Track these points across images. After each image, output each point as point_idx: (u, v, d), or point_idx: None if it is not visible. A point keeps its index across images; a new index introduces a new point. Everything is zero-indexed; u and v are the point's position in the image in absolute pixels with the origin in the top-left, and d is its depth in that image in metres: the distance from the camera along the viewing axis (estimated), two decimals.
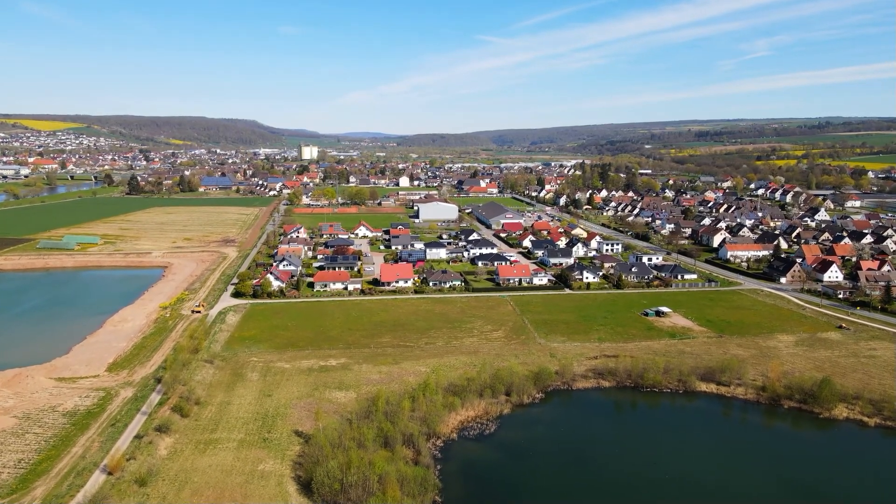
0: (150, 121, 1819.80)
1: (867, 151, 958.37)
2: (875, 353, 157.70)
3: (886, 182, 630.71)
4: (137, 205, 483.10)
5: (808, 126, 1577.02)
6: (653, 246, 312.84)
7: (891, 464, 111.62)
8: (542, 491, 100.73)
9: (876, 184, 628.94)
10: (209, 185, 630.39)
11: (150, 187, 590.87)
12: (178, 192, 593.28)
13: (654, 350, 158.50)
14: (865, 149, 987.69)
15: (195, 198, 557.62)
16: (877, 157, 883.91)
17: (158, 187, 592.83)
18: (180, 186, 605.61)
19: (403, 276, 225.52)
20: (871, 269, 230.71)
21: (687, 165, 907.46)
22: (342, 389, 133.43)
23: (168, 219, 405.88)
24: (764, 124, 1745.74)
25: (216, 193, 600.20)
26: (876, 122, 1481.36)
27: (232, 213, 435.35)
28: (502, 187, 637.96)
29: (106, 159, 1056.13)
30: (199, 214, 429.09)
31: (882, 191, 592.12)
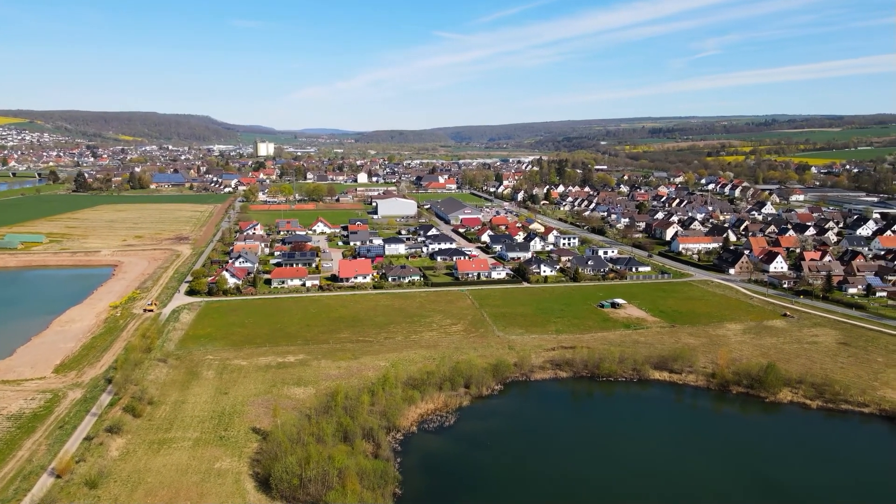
0: (98, 116, 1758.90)
1: (810, 148, 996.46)
2: (817, 339, 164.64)
3: (828, 177, 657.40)
4: (85, 202, 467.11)
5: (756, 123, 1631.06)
6: (608, 240, 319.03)
7: (832, 443, 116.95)
8: (501, 481, 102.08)
9: (818, 178, 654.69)
10: (161, 182, 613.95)
11: (98, 184, 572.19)
12: (129, 189, 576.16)
13: (609, 341, 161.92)
14: (809, 145, 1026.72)
15: (146, 195, 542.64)
16: (819, 153, 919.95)
17: (107, 184, 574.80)
18: (131, 183, 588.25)
19: (362, 272, 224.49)
20: (813, 259, 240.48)
21: (641, 161, 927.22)
22: (301, 385, 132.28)
23: (118, 216, 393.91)
24: (714, 122, 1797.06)
25: (169, 190, 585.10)
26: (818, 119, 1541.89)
27: (185, 211, 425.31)
28: (461, 183, 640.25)
29: (50, 155, 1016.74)
30: (151, 212, 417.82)
31: (824, 185, 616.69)
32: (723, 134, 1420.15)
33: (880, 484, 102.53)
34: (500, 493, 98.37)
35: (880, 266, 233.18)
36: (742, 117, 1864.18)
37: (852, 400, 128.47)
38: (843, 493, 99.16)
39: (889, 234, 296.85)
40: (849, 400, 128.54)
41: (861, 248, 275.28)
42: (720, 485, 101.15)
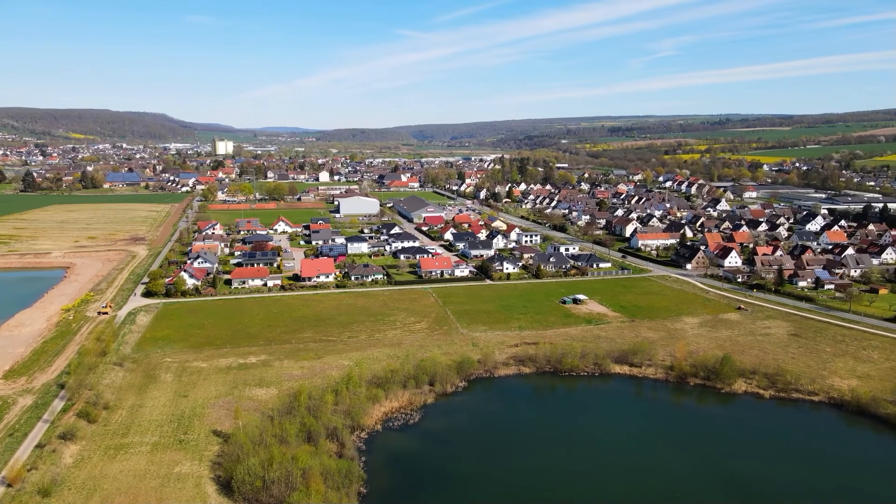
0: (47, 113, 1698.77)
1: (762, 146, 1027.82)
2: (769, 331, 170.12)
3: (779, 174, 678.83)
4: (34, 203, 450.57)
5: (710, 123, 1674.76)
6: (570, 237, 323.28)
7: (785, 431, 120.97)
8: (466, 477, 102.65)
9: (770, 176, 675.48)
10: (115, 182, 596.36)
11: (48, 184, 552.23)
12: (81, 188, 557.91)
13: (571, 336, 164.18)
14: (761, 143, 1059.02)
15: (100, 195, 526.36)
16: (770, 151, 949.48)
17: (58, 184, 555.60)
18: (83, 183, 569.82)
19: (325, 271, 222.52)
20: (765, 254, 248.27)
21: (601, 159, 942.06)
22: (263, 386, 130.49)
23: (70, 217, 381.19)
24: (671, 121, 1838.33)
25: (123, 190, 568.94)
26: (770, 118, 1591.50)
27: (141, 210, 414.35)
28: (423, 181, 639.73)
29: None
30: (105, 212, 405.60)
31: (775, 182, 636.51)
32: (679, 133, 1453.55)
33: (830, 469, 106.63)
34: (465, 490, 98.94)
35: (828, 260, 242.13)
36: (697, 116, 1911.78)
37: (803, 389, 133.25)
38: (796, 479, 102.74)
39: (836, 229, 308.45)
40: (799, 389, 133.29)
41: (810, 242, 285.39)
42: (680, 475, 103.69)
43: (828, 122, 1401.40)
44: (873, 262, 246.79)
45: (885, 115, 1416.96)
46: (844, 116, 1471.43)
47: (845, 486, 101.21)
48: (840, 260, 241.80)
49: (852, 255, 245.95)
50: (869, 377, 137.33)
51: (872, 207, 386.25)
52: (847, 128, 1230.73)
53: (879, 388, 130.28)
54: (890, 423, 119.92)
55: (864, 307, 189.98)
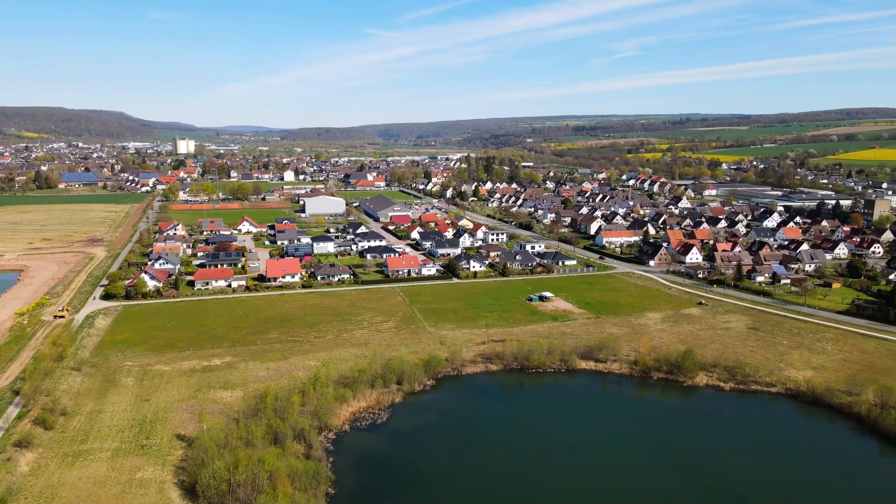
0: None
1: (721, 145, 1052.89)
2: (729, 325, 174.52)
3: (737, 173, 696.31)
4: None
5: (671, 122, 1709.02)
6: (535, 235, 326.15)
7: (744, 422, 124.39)
8: (434, 475, 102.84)
9: (729, 174, 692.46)
10: (71, 182, 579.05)
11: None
12: (35, 189, 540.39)
13: (538, 333, 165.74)
14: (720, 143, 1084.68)
15: (55, 195, 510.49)
16: (729, 150, 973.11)
17: (10, 184, 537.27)
18: (37, 183, 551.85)
19: (290, 271, 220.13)
20: (725, 250, 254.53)
21: (566, 158, 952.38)
22: (228, 389, 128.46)
23: (23, 218, 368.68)
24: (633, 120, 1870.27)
25: (80, 190, 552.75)
26: (728, 118, 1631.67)
27: (99, 211, 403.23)
28: (389, 181, 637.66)
29: None
30: (61, 213, 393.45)
31: (734, 180, 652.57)
32: (642, 132, 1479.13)
33: (788, 457, 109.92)
34: (433, 488, 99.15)
35: (784, 255, 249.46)
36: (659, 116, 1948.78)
37: (761, 381, 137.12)
38: (756, 468, 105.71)
39: (791, 226, 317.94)
40: (758, 381, 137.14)
41: (767, 238, 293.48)
42: (645, 467, 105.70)
43: (783, 121, 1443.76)
44: (826, 257, 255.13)
45: (836, 115, 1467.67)
46: (799, 116, 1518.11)
47: (802, 473, 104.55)
48: (795, 255, 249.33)
49: (807, 251, 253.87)
50: (823, 368, 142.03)
51: (825, 204, 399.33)
52: (801, 127, 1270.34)
53: (833, 378, 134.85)
54: (843, 412, 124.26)
55: (819, 301, 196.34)
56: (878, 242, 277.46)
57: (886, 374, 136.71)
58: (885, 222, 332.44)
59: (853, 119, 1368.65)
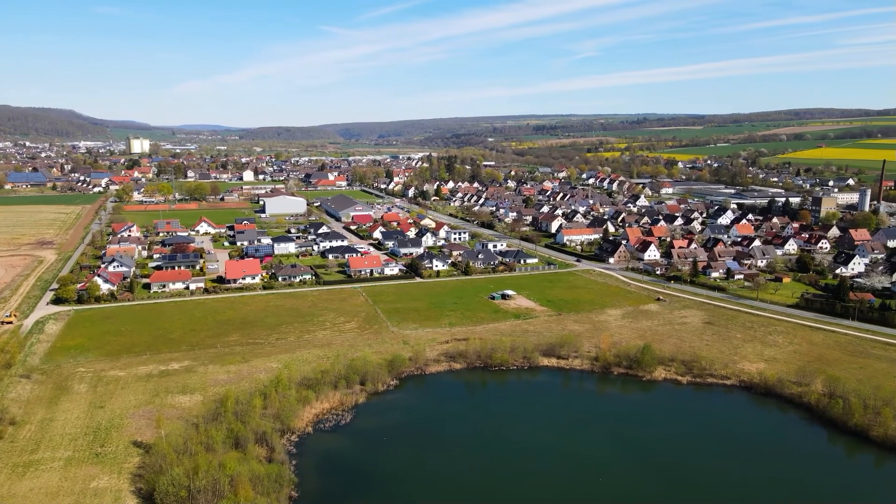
0: None
1: (677, 144, 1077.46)
2: (686, 320, 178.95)
3: (692, 171, 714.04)
4: None
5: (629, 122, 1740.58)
6: (497, 233, 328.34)
7: (700, 414, 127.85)
8: (398, 475, 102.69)
9: (685, 173, 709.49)
10: (18, 182, 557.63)
11: None
12: None
13: (500, 331, 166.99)
14: (675, 142, 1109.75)
15: (0, 196, 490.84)
16: (685, 149, 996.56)
17: None
18: None
19: (250, 273, 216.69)
20: (681, 247, 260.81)
21: (527, 157, 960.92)
22: (186, 393, 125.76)
23: None
24: (592, 119, 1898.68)
25: (27, 191, 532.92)
26: (684, 118, 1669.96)
27: (48, 213, 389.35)
28: (351, 180, 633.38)
29: None
30: (7, 215, 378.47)
31: (689, 179, 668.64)
32: (601, 131, 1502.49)
33: (743, 446, 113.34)
34: (398, 488, 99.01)
35: (738, 251, 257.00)
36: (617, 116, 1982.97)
37: (716, 373, 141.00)
38: (713, 459, 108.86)
39: (744, 223, 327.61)
40: (713, 374, 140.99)
41: (721, 235, 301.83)
42: (606, 460, 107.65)
43: (736, 121, 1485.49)
44: (777, 252, 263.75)
45: (785, 116, 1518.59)
46: (750, 116, 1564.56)
47: (756, 462, 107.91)
48: (748, 251, 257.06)
49: (759, 247, 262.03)
50: (775, 360, 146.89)
51: (776, 202, 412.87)
52: (753, 127, 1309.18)
53: (784, 370, 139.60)
54: (794, 402, 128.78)
55: (770, 295, 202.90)
56: (825, 238, 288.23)
57: (834, 364, 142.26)
58: (832, 219, 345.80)
59: (801, 119, 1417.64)
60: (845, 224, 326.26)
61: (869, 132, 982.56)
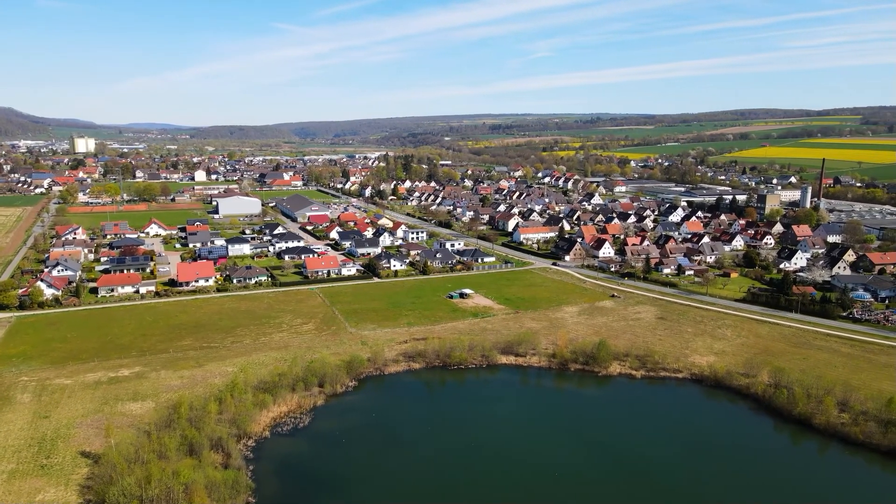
0: None
1: (629, 143, 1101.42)
2: (640, 315, 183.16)
3: (644, 170, 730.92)
4: None
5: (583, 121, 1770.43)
6: (455, 232, 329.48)
7: (654, 406, 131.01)
8: (357, 477, 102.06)
9: (637, 171, 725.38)
10: None
11: None
12: None
13: (459, 330, 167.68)
14: (628, 141, 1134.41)
15: None
16: (637, 148, 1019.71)
17: None
18: None
19: (204, 275, 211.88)
20: (634, 244, 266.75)
21: (483, 156, 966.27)
22: (138, 400, 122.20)
23: None
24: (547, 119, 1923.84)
25: None
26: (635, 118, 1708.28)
27: None
28: (307, 180, 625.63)
29: None
30: None
31: (641, 177, 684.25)
32: (555, 130, 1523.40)
33: (693, 437, 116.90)
34: (358, 490, 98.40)
35: (688, 248, 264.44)
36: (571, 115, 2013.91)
37: (669, 367, 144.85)
38: (666, 450, 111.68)
39: (694, 220, 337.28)
40: (666, 367, 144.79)
41: (672, 232, 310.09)
42: (564, 455, 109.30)
43: (685, 121, 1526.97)
44: (725, 248, 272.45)
45: (731, 116, 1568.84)
46: (698, 116, 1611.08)
47: (707, 451, 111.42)
48: (698, 248, 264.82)
49: (708, 243, 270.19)
50: (724, 353, 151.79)
51: (723, 199, 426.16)
52: (701, 127, 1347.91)
53: (733, 362, 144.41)
54: (742, 393, 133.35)
55: (719, 290, 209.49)
56: (769, 234, 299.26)
57: (779, 356, 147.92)
58: (776, 215, 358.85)
59: (746, 119, 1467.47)
60: (788, 220, 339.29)
61: (809, 132, 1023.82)
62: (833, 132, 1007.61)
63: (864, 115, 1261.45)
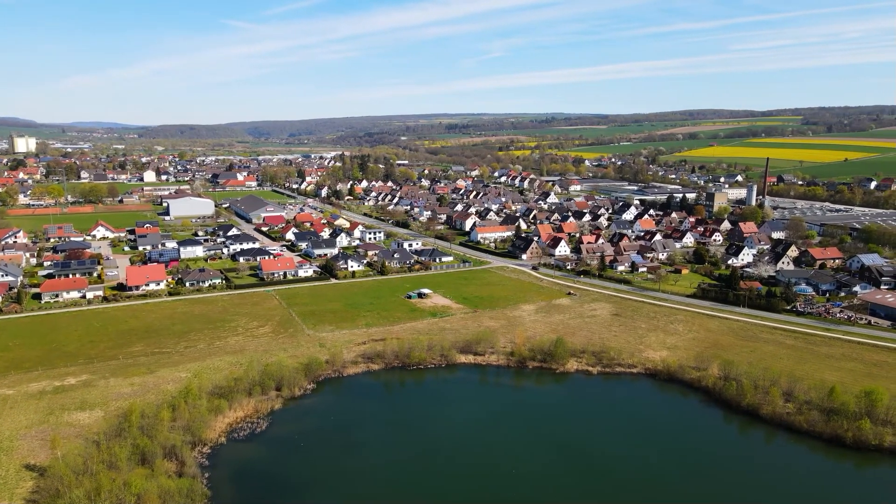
0: None
1: (584, 143, 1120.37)
2: (595, 312, 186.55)
3: (598, 169, 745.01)
4: None
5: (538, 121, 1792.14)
6: (412, 232, 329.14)
7: (610, 401, 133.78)
8: (316, 481, 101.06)
9: (591, 170, 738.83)
10: None
11: None
12: None
13: (418, 330, 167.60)
14: (582, 141, 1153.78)
15: None
16: (591, 147, 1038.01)
17: None
18: None
19: (154, 279, 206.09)
20: (590, 242, 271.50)
21: (440, 156, 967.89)
22: (85, 409, 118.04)
23: None
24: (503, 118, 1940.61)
25: None
26: (589, 117, 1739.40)
27: None
28: (261, 180, 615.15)
29: None
30: None
31: (596, 176, 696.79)
32: (511, 130, 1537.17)
33: (648, 429, 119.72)
34: (314, 493, 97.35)
35: (641, 245, 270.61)
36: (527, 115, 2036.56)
37: (624, 363, 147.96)
38: (622, 443, 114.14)
39: (647, 218, 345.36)
40: (621, 363, 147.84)
41: (626, 230, 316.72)
42: (524, 452, 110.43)
43: (636, 121, 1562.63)
44: (676, 245, 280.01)
45: (681, 116, 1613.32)
46: (649, 116, 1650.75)
47: (661, 443, 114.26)
48: (650, 245, 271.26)
49: (660, 241, 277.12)
50: (676, 348, 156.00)
51: (674, 198, 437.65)
52: (652, 126, 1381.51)
53: (685, 356, 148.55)
54: (693, 386, 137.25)
55: (671, 286, 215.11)
56: (718, 231, 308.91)
57: (728, 349, 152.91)
58: (724, 213, 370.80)
59: (695, 119, 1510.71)
60: (735, 218, 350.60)
61: (754, 132, 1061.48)
62: (776, 132, 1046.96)
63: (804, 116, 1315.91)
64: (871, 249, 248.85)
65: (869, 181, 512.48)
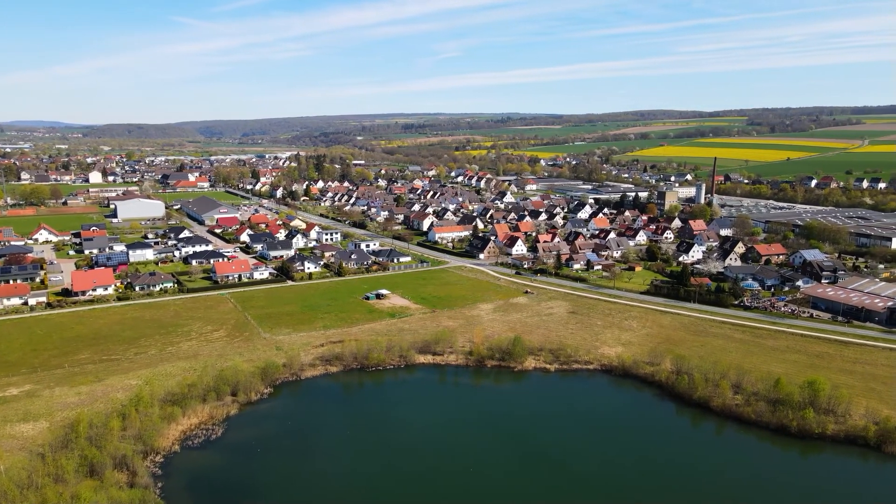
0: None
1: (539, 143, 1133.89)
2: (552, 310, 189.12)
3: (554, 168, 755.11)
4: None
5: (494, 121, 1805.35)
6: (370, 233, 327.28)
7: (568, 398, 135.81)
8: (274, 486, 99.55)
9: (547, 170, 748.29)
10: None
11: None
12: None
13: (376, 331, 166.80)
14: (537, 140, 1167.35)
15: None
16: (546, 147, 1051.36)
17: None
18: None
19: (102, 283, 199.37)
20: (546, 241, 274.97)
21: (396, 156, 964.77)
22: (29, 420, 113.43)
23: None
24: (459, 118, 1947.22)
25: None
26: (544, 117, 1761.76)
27: None
28: (214, 181, 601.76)
29: None
30: None
31: (551, 176, 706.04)
32: (467, 130, 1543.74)
33: (604, 424, 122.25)
34: (272, 499, 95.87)
35: (596, 244, 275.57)
36: (483, 115, 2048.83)
37: (580, 360, 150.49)
38: (580, 438, 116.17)
39: (601, 217, 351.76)
40: (578, 360, 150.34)
41: (581, 229, 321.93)
42: (481, 450, 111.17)
43: (590, 121, 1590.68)
44: (630, 243, 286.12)
45: (632, 116, 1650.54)
46: (602, 117, 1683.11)
47: (617, 437, 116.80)
48: (605, 243, 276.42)
49: (614, 239, 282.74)
50: (631, 343, 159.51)
51: (627, 196, 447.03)
52: (605, 126, 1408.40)
53: (639, 352, 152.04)
54: (647, 381, 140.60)
55: (625, 283, 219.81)
56: (669, 229, 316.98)
57: (680, 344, 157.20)
58: (674, 211, 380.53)
59: (646, 120, 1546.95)
60: (685, 216, 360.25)
61: (702, 132, 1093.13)
62: (723, 132, 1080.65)
63: (749, 117, 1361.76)
64: (812, 245, 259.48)
65: (810, 179, 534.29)
